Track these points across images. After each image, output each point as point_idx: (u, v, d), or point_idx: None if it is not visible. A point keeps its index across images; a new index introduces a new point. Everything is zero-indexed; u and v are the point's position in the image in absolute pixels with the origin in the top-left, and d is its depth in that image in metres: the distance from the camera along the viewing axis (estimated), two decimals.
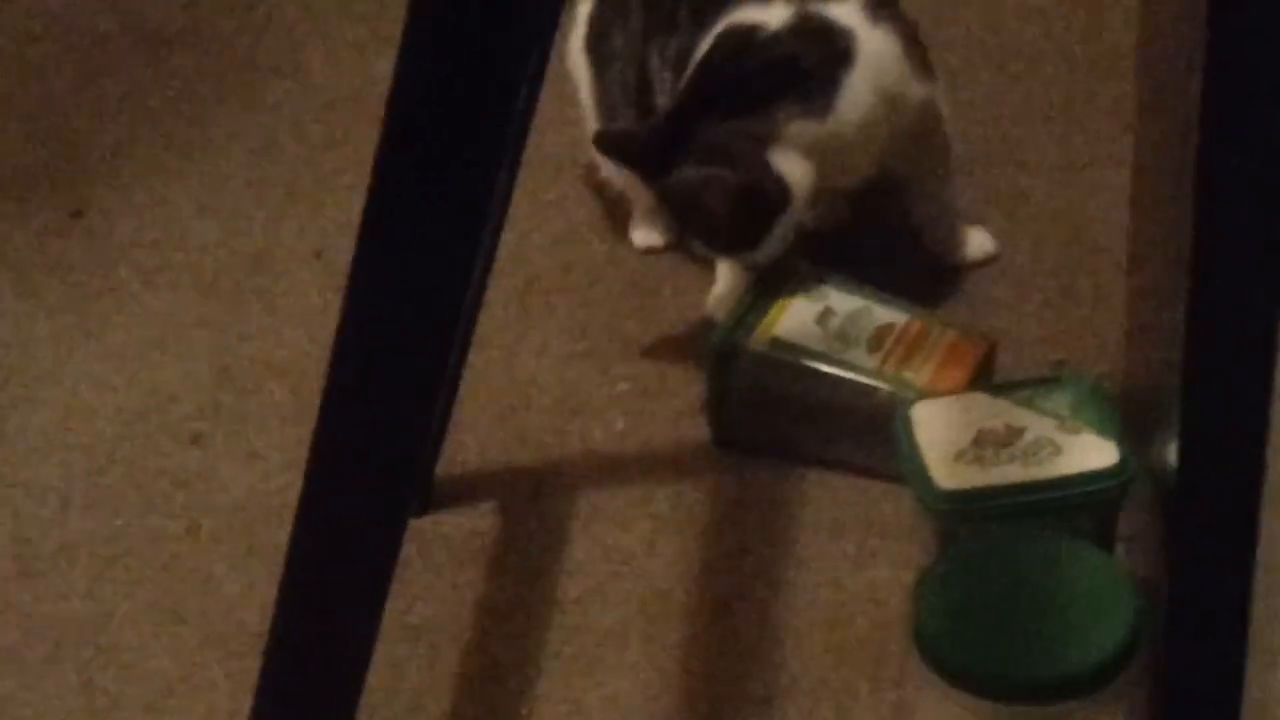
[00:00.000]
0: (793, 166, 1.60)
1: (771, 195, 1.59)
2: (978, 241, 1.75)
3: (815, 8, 1.61)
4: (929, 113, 1.68)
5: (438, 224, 1.09)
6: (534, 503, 1.58)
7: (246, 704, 1.07)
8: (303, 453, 1.10)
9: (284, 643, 1.12)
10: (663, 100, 1.66)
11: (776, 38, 1.60)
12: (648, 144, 1.59)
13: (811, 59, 1.60)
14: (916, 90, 1.65)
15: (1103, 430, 1.41)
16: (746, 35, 1.60)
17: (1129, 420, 1.44)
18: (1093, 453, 1.40)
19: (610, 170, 1.75)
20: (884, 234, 1.78)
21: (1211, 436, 1.10)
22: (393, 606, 1.17)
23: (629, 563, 1.52)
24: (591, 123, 1.75)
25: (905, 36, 1.64)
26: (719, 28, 1.61)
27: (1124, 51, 1.95)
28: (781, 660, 1.43)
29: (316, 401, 1.12)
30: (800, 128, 1.59)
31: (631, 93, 1.70)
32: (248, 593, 1.49)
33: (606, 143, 1.63)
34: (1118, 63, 1.94)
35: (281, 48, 2.08)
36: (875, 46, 1.62)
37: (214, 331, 1.75)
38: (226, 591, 1.51)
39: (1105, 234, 1.77)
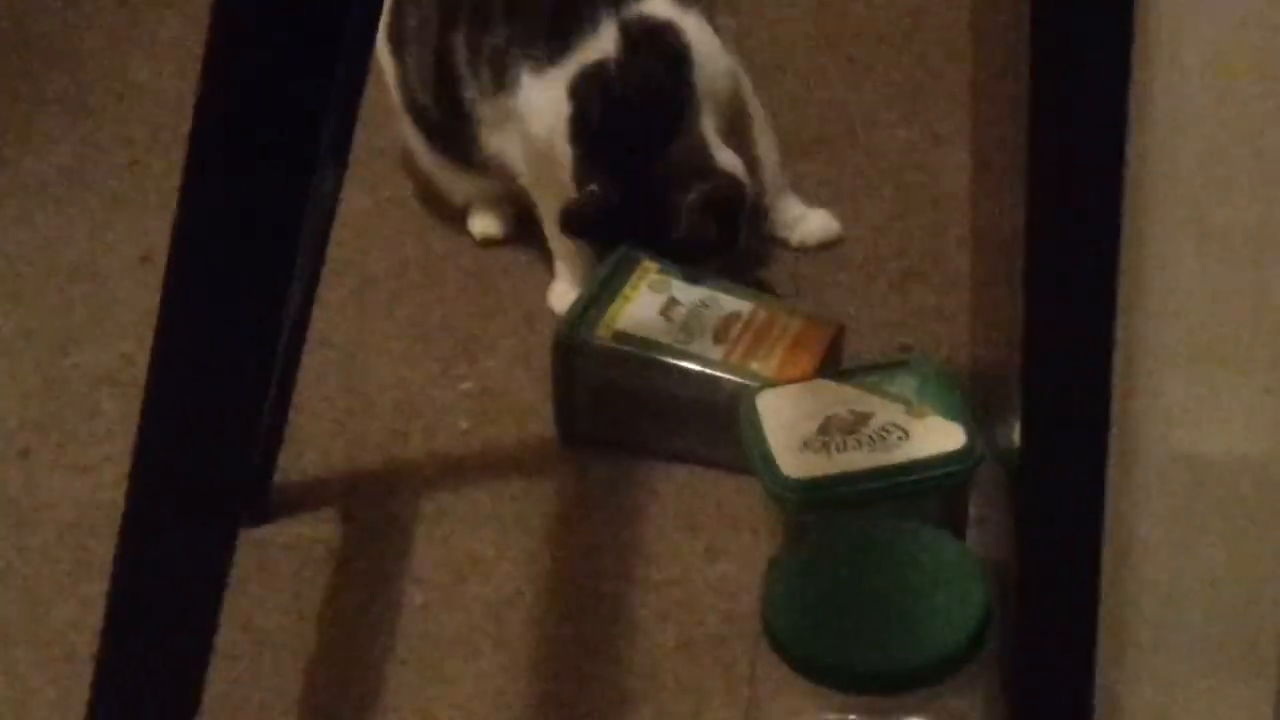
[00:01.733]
0: (725, 156, 1.64)
1: (735, 192, 1.63)
2: (820, 224, 1.74)
3: (634, 14, 1.61)
4: (737, 81, 1.69)
5: (255, 224, 1.06)
6: (377, 508, 1.55)
7: None
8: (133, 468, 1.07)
9: (115, 661, 1.09)
10: (470, 95, 1.65)
11: (628, 68, 1.61)
12: (611, 212, 1.61)
13: (664, 69, 1.62)
14: (725, 61, 1.67)
15: (949, 414, 1.40)
16: (602, 76, 1.61)
17: (976, 403, 1.43)
18: (940, 436, 1.39)
19: (429, 163, 1.75)
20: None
21: (1053, 418, 1.10)
22: (231, 619, 1.14)
23: (476, 566, 1.49)
24: (396, 107, 1.74)
25: (705, 12, 1.66)
26: (570, 78, 1.61)
27: (963, 33, 1.94)
28: (634, 660, 1.41)
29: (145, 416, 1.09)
30: (706, 123, 1.63)
31: (430, 77, 1.68)
32: (80, 612, 1.45)
33: (576, 226, 1.63)
34: (957, 45, 1.94)
35: (103, 48, 2.03)
36: (696, 33, 1.64)
37: (38, 342, 1.70)
38: (58, 612, 1.46)
39: (949, 216, 1.77)
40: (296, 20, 0.99)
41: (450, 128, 1.70)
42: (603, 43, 1.61)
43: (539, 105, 1.62)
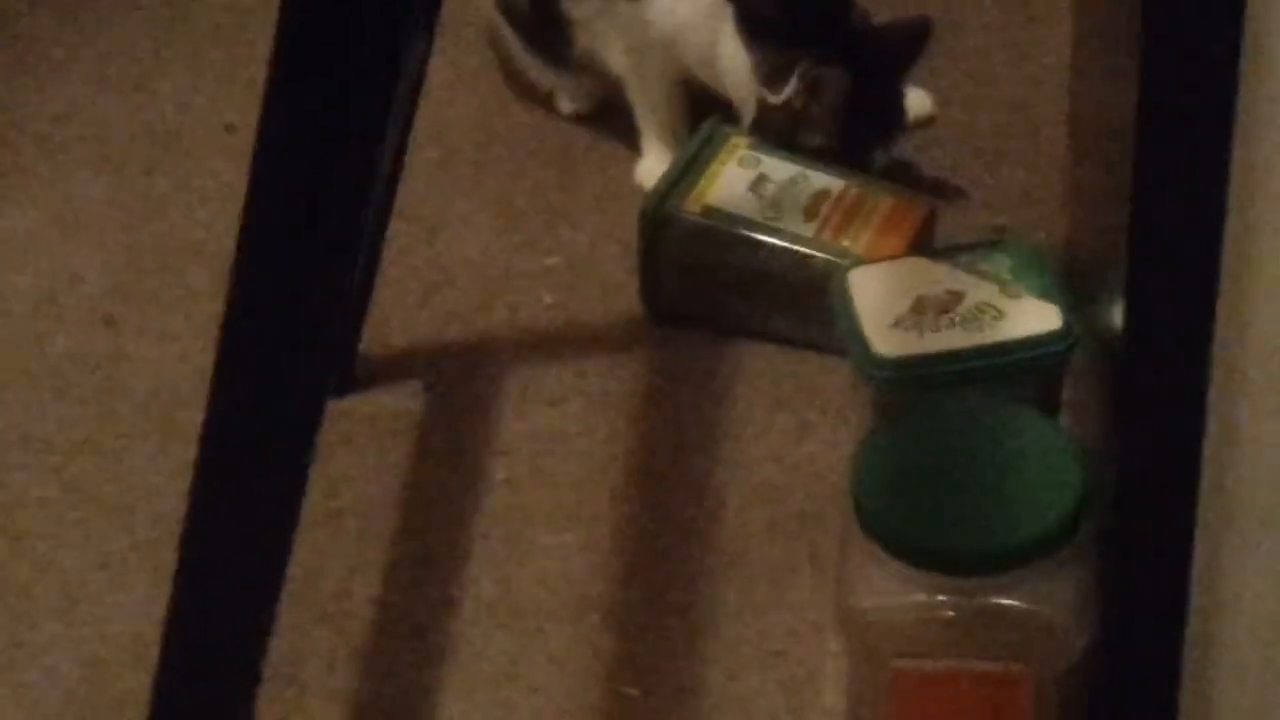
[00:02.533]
0: None
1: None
2: (915, 102, 1.71)
3: None
4: None
5: (345, 89, 1.05)
6: (462, 381, 1.54)
7: (165, 594, 1.04)
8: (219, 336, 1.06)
9: (202, 529, 1.09)
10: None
11: None
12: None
13: None
14: None
15: (1045, 294, 1.38)
16: None
17: (1071, 284, 1.41)
18: (1035, 317, 1.37)
19: (521, 59, 1.73)
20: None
21: (1158, 300, 1.08)
22: (316, 490, 1.14)
23: (561, 441, 1.48)
24: (490, 11, 1.73)
25: None
26: None
27: None
28: (720, 539, 1.41)
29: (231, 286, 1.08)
30: None
31: None
32: (166, 478, 1.45)
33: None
34: None
35: None
36: None
37: (123, 210, 1.70)
38: (143, 478, 1.46)
39: (1045, 96, 1.74)
40: None
41: (542, 28, 1.68)
42: None
43: (677, 8, 1.62)
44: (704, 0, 1.61)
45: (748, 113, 1.61)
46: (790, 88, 1.56)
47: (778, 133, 1.59)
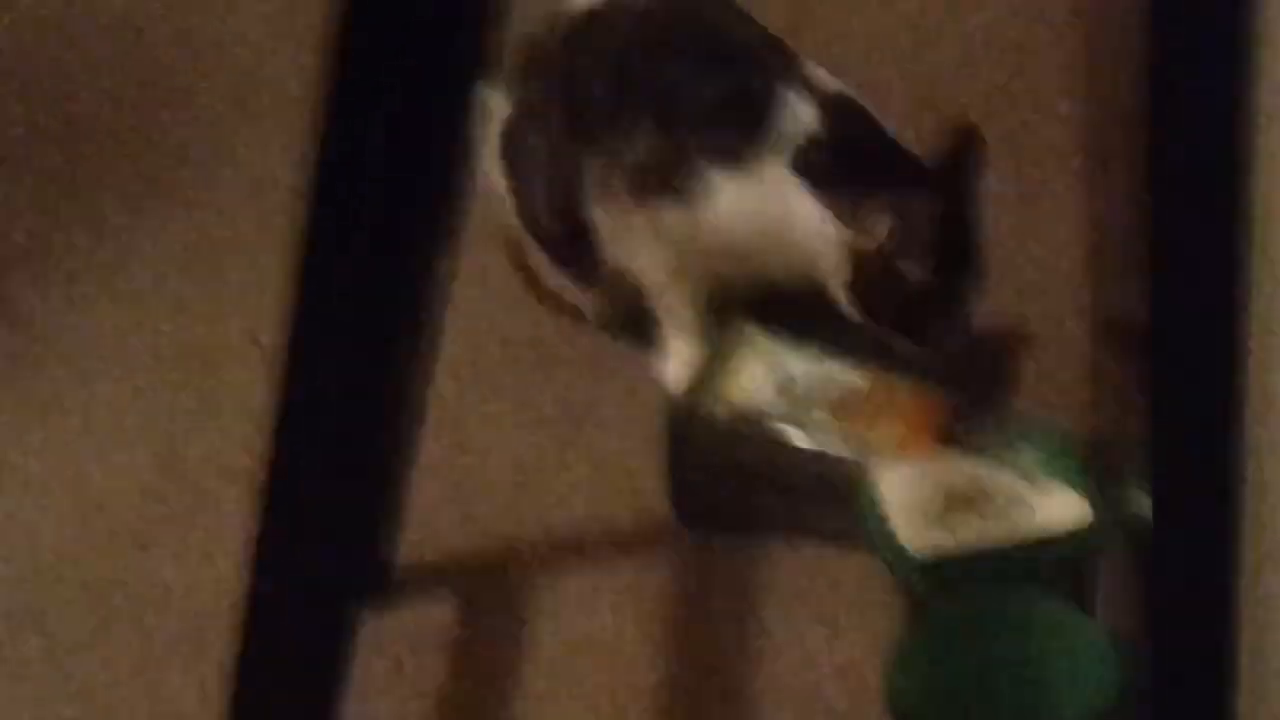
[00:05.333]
0: None
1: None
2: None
3: (811, 84, 1.63)
4: None
5: (373, 302, 1.07)
6: (494, 590, 1.54)
7: None
8: (252, 554, 1.07)
9: None
10: (597, 212, 1.65)
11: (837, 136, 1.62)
12: None
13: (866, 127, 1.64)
14: None
15: (1073, 484, 1.38)
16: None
17: (1098, 471, 1.41)
18: (1064, 509, 1.37)
19: (552, 279, 1.75)
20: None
21: (1183, 488, 1.08)
22: (350, 705, 1.14)
23: (594, 649, 1.48)
24: (515, 231, 1.74)
25: None
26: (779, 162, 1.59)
27: (1071, 91, 1.93)
28: None
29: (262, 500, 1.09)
30: None
31: (556, 198, 1.68)
32: (202, 701, 1.44)
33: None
34: (1067, 97, 1.92)
35: (209, 136, 2.04)
36: None
37: (155, 429, 1.70)
38: (182, 703, 1.46)
39: (1064, 283, 1.74)
40: (412, 98, 0.99)
41: (569, 244, 1.70)
42: (795, 119, 1.60)
43: (738, 202, 1.61)
44: (768, 183, 1.60)
45: (837, 277, 1.59)
46: (884, 221, 1.56)
47: (873, 285, 1.57)
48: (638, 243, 1.65)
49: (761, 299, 1.70)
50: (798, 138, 1.59)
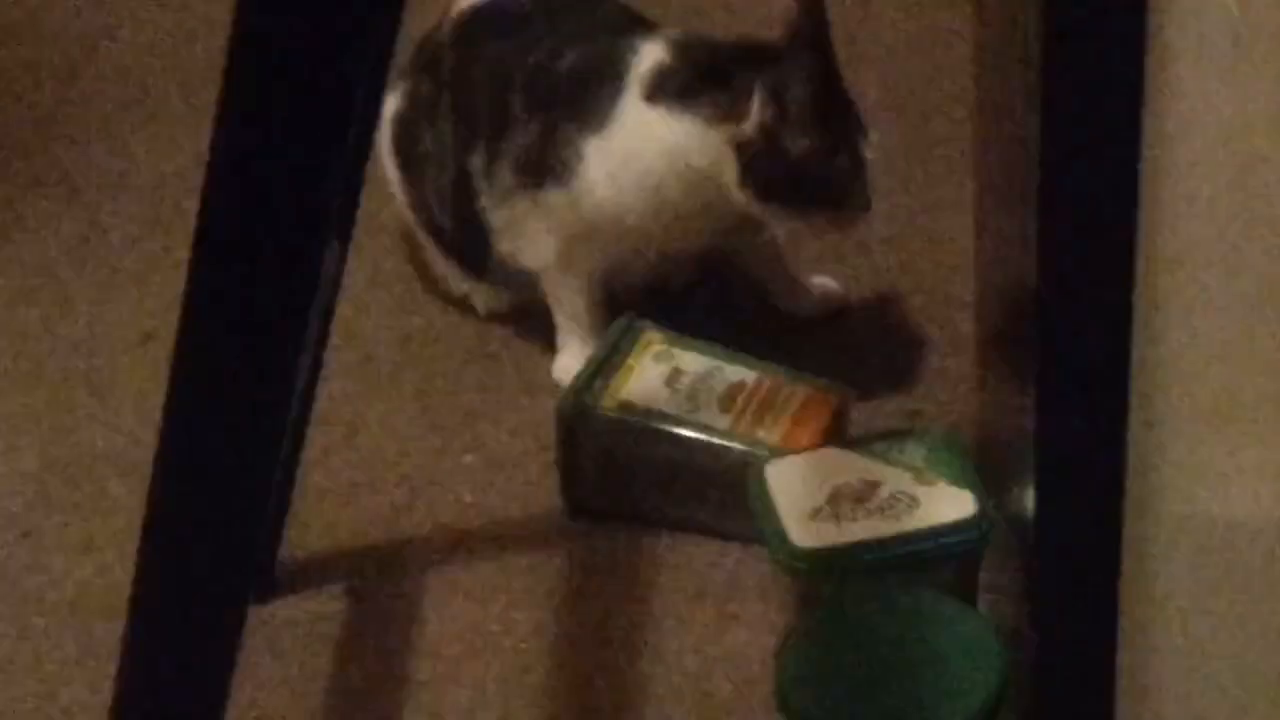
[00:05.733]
0: None
1: None
2: (824, 292, 1.74)
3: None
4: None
5: (263, 294, 1.06)
6: (383, 583, 1.54)
7: None
8: (140, 547, 1.06)
9: None
10: (486, 205, 1.65)
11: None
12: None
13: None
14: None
15: (959, 481, 1.40)
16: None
17: (985, 468, 1.42)
18: (950, 504, 1.38)
19: (449, 276, 1.75)
20: (729, 290, 1.76)
21: (1068, 483, 1.09)
22: (237, 697, 1.13)
23: (484, 640, 1.48)
24: (408, 221, 1.75)
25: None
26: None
27: (961, 94, 1.94)
28: None
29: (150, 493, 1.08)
30: None
31: (448, 197, 1.69)
32: (87, 694, 1.43)
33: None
34: (955, 110, 1.94)
35: (102, 125, 2.03)
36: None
37: (41, 422, 1.69)
38: (65, 693, 1.45)
39: (952, 282, 1.76)
40: (305, 99, 0.99)
41: (460, 236, 1.70)
42: (645, 60, 1.61)
43: (611, 161, 1.61)
44: (633, 128, 1.60)
45: (729, 176, 1.57)
46: (758, 104, 1.55)
47: (764, 169, 1.56)
48: (526, 231, 1.66)
49: (652, 288, 1.71)
50: (648, 74, 1.60)
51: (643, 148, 1.59)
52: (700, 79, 1.58)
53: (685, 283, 1.77)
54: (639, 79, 1.60)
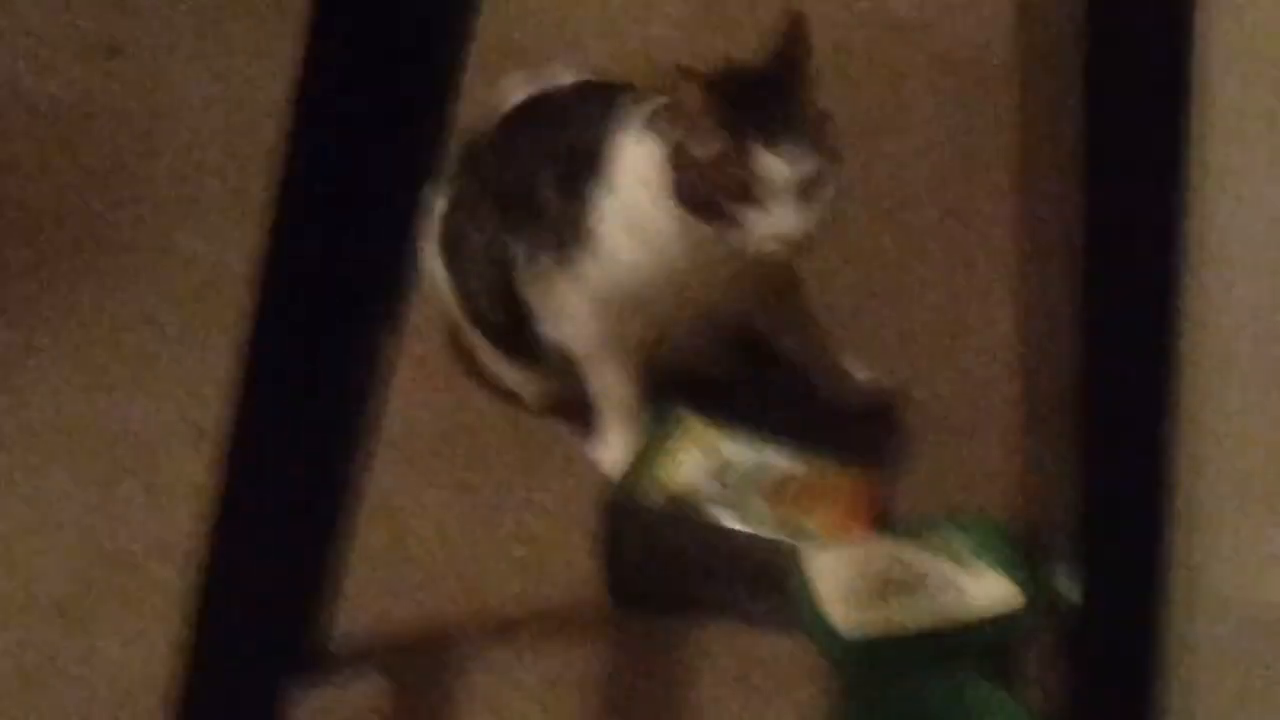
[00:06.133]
0: None
1: None
2: (866, 382, 1.75)
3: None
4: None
5: (316, 391, 1.07)
6: (429, 674, 1.54)
7: None
8: (188, 635, 1.07)
9: None
10: (526, 288, 1.68)
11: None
12: None
13: None
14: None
15: (1003, 569, 1.40)
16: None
17: (1029, 556, 1.42)
18: (994, 593, 1.38)
19: (501, 371, 1.77)
20: (773, 379, 1.77)
21: (1112, 574, 1.09)
22: None
23: None
24: (455, 317, 1.77)
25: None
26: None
27: (1006, 185, 1.95)
28: None
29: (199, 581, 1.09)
30: None
31: (496, 287, 1.72)
32: None
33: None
34: (1000, 198, 1.95)
35: (154, 222, 2.05)
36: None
37: (91, 514, 1.70)
38: None
39: (996, 370, 1.76)
40: (359, 196, 1.00)
41: (510, 328, 1.72)
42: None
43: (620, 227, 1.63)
44: (648, 180, 1.60)
45: (665, 198, 1.59)
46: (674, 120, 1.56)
47: (686, 184, 1.56)
48: (566, 309, 1.67)
49: (696, 379, 1.72)
50: (640, 118, 1.62)
51: (639, 194, 1.61)
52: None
53: (729, 374, 1.78)
54: (633, 122, 1.62)
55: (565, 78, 1.76)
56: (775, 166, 1.53)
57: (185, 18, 2.33)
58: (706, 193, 1.55)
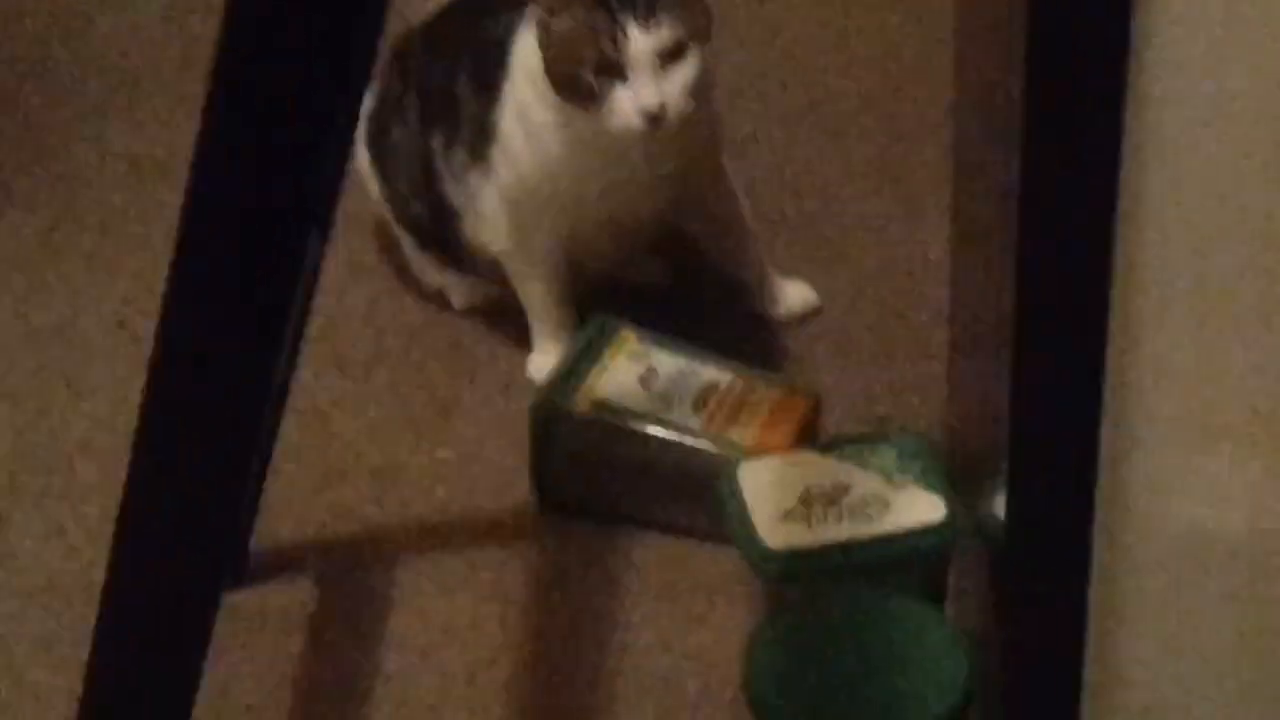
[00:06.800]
0: None
1: None
2: (798, 295, 1.75)
3: None
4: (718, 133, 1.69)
5: (245, 291, 1.06)
6: (353, 574, 1.54)
7: None
8: (110, 529, 1.06)
9: None
10: (449, 186, 1.68)
11: None
12: None
13: None
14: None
15: (929, 485, 1.41)
16: None
17: (955, 473, 1.43)
18: (920, 508, 1.39)
19: (427, 271, 1.77)
20: (705, 290, 1.77)
21: (1039, 490, 1.10)
22: (208, 684, 1.14)
23: (452, 633, 1.49)
24: (384, 215, 1.77)
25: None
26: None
27: (939, 106, 1.96)
28: None
29: (123, 475, 1.08)
30: None
31: (419, 185, 1.71)
32: (54, 676, 1.44)
33: None
34: (934, 118, 1.95)
35: (81, 114, 2.03)
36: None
37: (13, 407, 1.69)
38: (33, 678, 1.45)
39: (926, 288, 1.77)
40: (291, 91, 0.99)
41: (434, 226, 1.72)
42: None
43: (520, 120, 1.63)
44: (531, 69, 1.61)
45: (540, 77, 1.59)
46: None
47: (548, 58, 1.57)
48: (481, 207, 1.67)
49: (623, 285, 1.72)
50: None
51: (528, 88, 1.61)
52: None
53: (660, 283, 1.78)
54: (529, 16, 1.62)
55: None
56: (632, 36, 1.53)
57: None
58: (570, 68, 1.55)
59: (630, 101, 1.54)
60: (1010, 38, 1.12)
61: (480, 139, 1.66)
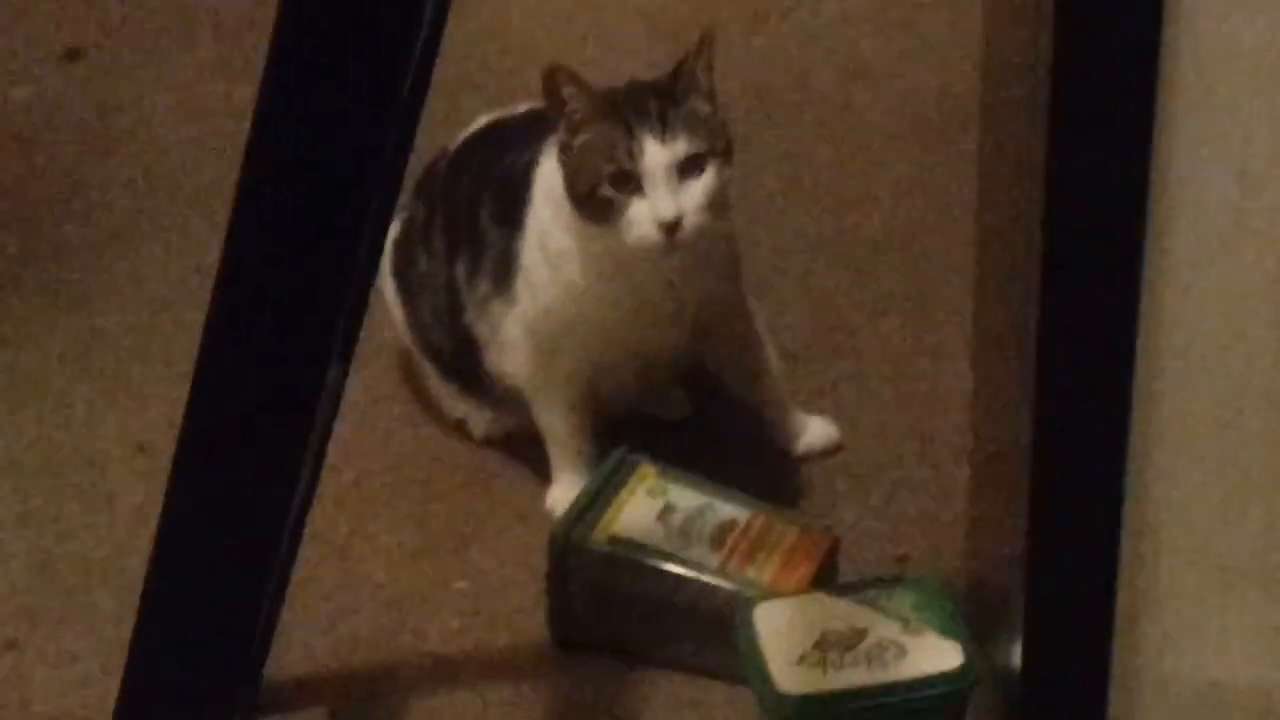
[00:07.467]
0: None
1: None
2: (819, 431, 1.75)
3: None
4: (737, 270, 1.69)
5: (264, 418, 1.07)
6: (366, 706, 1.53)
7: None
8: (124, 656, 1.06)
9: None
10: (470, 316, 1.69)
11: None
12: None
13: None
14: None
15: (946, 631, 1.40)
16: None
17: (972, 617, 1.42)
18: (937, 655, 1.38)
19: (448, 402, 1.77)
20: (725, 424, 1.77)
21: (1055, 641, 1.09)
22: None
23: None
24: (407, 344, 1.78)
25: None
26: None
27: (963, 240, 1.96)
28: None
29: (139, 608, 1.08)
30: None
31: (443, 314, 1.72)
32: None
33: None
34: (957, 252, 1.95)
35: (108, 236, 2.04)
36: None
37: (32, 529, 1.69)
38: None
39: (947, 426, 1.77)
40: (317, 220, 1.00)
41: (458, 357, 1.73)
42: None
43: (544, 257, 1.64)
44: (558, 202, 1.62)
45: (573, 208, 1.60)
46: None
47: (568, 176, 1.59)
48: (504, 340, 1.68)
49: (645, 419, 1.71)
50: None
51: (549, 214, 1.63)
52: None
53: (680, 416, 1.78)
54: (550, 145, 1.63)
55: (521, 107, 1.77)
56: (649, 149, 1.55)
57: (148, 22, 2.32)
58: (589, 182, 1.56)
59: (647, 213, 1.55)
60: (1029, 174, 1.13)
61: (503, 269, 1.67)
